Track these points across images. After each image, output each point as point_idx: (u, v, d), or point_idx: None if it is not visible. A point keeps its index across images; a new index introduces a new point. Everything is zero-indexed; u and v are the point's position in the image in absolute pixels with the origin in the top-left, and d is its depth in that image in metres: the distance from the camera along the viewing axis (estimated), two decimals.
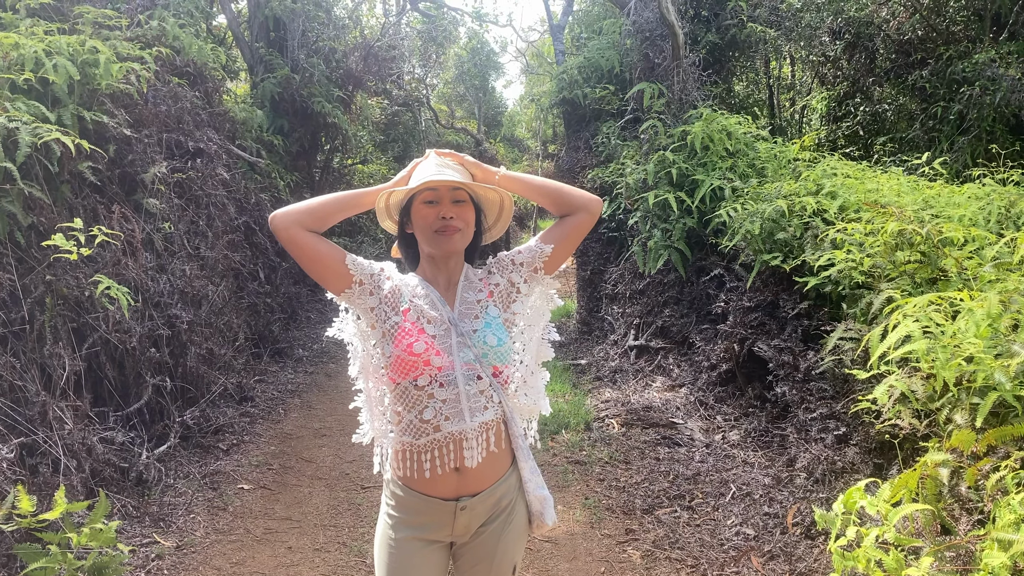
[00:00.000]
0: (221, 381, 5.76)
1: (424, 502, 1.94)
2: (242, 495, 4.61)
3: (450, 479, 1.91)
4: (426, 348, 1.85)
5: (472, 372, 1.88)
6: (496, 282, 2.02)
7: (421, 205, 1.91)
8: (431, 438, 1.88)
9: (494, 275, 2.03)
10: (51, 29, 4.94)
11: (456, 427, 1.87)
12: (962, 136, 8.38)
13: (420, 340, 1.86)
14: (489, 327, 1.93)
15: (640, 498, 4.49)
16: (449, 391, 1.86)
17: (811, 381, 4.58)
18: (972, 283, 3.54)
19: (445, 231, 1.89)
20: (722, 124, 6.65)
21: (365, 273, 1.93)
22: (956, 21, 9.54)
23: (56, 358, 4.10)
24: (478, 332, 1.91)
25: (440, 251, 1.93)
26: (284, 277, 8.97)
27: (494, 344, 1.91)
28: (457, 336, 1.90)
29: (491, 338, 1.91)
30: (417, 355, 1.84)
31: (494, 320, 1.95)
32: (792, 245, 5.04)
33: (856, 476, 3.79)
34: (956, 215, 4.70)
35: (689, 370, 6.30)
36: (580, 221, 2.04)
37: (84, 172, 4.57)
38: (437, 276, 1.99)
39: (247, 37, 10.61)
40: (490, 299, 1.99)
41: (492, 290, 2.00)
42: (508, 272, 2.02)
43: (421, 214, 1.91)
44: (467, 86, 22.97)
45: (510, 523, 2.02)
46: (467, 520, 1.95)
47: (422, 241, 1.95)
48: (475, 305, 1.97)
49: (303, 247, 1.87)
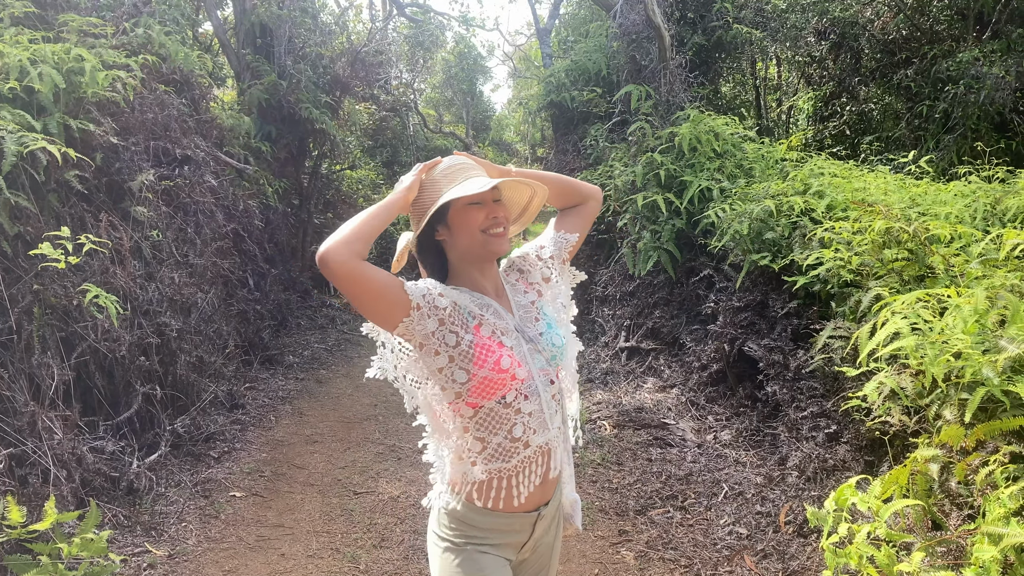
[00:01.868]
0: (211, 389, 5.74)
1: (507, 521, 1.84)
2: (234, 502, 4.59)
3: (535, 492, 1.85)
4: (511, 362, 1.75)
5: (547, 377, 1.82)
6: (535, 281, 1.95)
7: (465, 208, 1.77)
8: (522, 456, 1.79)
9: (529, 273, 1.96)
10: (36, 37, 4.92)
11: (543, 438, 1.80)
12: (948, 134, 8.44)
13: (504, 354, 1.74)
14: (551, 328, 1.87)
15: (633, 499, 4.50)
16: (533, 402, 1.78)
17: (801, 380, 4.60)
18: (959, 280, 3.57)
19: (496, 232, 1.79)
20: (710, 125, 6.68)
21: (420, 295, 1.70)
22: (940, 20, 9.62)
23: (45, 368, 4.07)
24: (544, 335, 1.84)
25: (492, 251, 1.80)
26: (274, 283, 8.95)
27: (560, 344, 1.86)
28: (527, 343, 1.82)
29: (556, 339, 1.86)
30: (505, 371, 1.73)
31: (552, 320, 1.89)
32: (781, 245, 5.06)
33: (847, 473, 3.81)
34: (943, 213, 4.74)
35: (680, 371, 6.32)
36: (592, 209, 2.05)
37: (71, 181, 4.55)
38: (485, 284, 1.86)
39: (233, 44, 10.58)
40: (540, 298, 1.92)
41: (540, 290, 1.94)
42: (540, 268, 1.97)
43: (468, 216, 1.77)
44: (454, 90, 22.95)
45: (559, 528, 2.02)
46: (542, 529, 1.91)
47: (470, 244, 1.80)
48: (531, 308, 1.89)
49: (367, 282, 1.63)
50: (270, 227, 9.55)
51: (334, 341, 9.30)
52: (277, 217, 9.80)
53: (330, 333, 9.74)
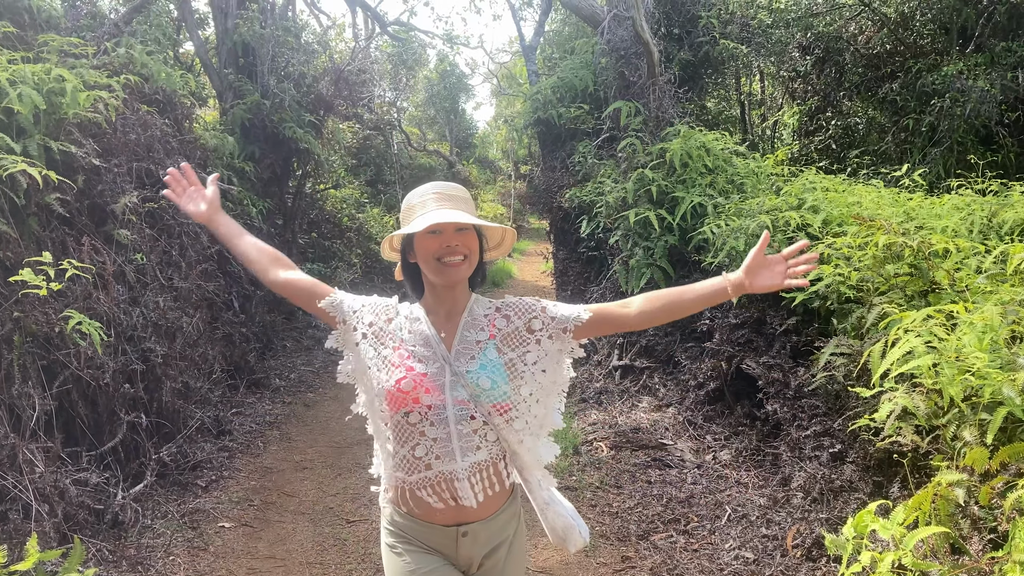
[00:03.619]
0: (198, 415, 5.59)
1: (424, 530, 1.93)
2: (223, 534, 4.44)
3: (448, 510, 1.89)
4: (415, 386, 1.83)
5: (465, 411, 1.83)
6: (503, 325, 1.93)
7: (423, 235, 1.84)
8: (423, 475, 1.86)
9: (506, 316, 1.94)
10: (15, 58, 4.79)
11: (447, 467, 1.84)
12: (934, 148, 8.47)
13: (408, 377, 1.84)
14: (484, 369, 1.85)
15: (634, 523, 4.39)
16: (440, 430, 1.83)
17: (803, 398, 4.52)
18: (966, 295, 3.51)
19: (449, 261, 1.84)
20: (700, 141, 6.64)
21: (345, 312, 1.97)
22: (923, 35, 9.68)
23: (25, 398, 3.92)
24: (471, 373, 1.84)
25: (444, 280, 1.87)
26: (259, 305, 8.79)
27: (487, 387, 1.83)
28: (451, 375, 1.85)
29: (484, 381, 1.83)
30: (406, 392, 1.82)
31: (491, 363, 1.86)
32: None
33: (855, 494, 3.72)
34: (939, 226, 4.70)
35: (676, 389, 6.23)
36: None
37: (52, 204, 4.41)
38: (438, 307, 1.94)
39: (215, 63, 10.47)
40: (491, 340, 1.90)
41: (495, 332, 1.92)
42: (529, 318, 1.93)
43: (424, 244, 1.85)
44: (437, 109, 22.94)
45: (512, 552, 2.00)
46: (470, 547, 1.93)
47: (426, 270, 1.90)
48: (473, 345, 1.89)
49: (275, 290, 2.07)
50: None
51: (320, 363, 9.15)
52: (262, 237, 9.57)
53: (316, 354, 9.58)
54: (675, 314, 1.95)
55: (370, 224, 15.45)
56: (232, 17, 10.20)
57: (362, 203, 16.25)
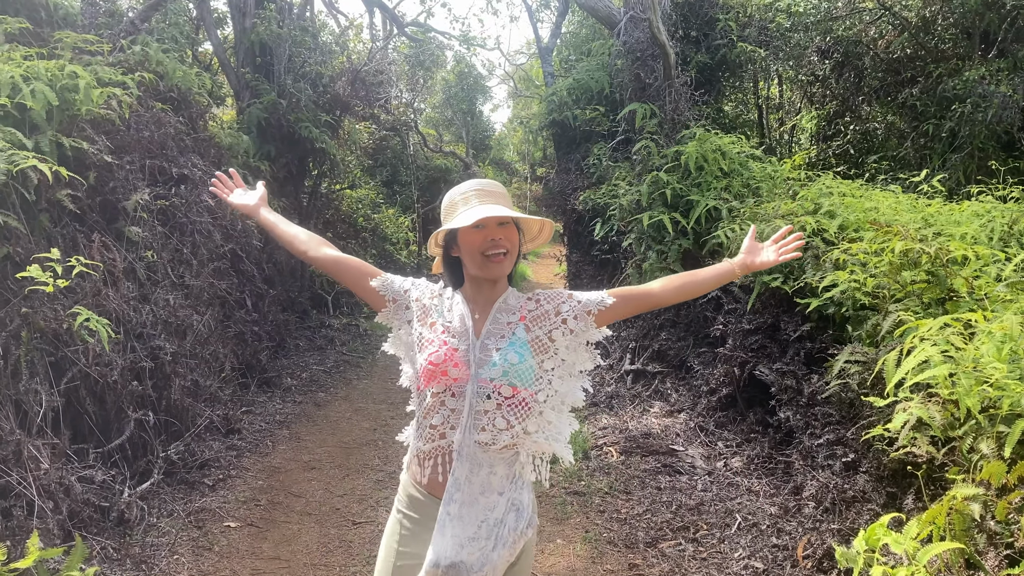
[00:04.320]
0: (207, 413, 5.58)
1: (422, 501, 2.01)
2: (228, 533, 4.42)
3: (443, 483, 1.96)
4: (445, 359, 1.94)
5: (484, 390, 1.92)
6: (533, 308, 2.03)
7: (468, 230, 1.94)
8: (435, 444, 1.96)
9: (537, 302, 2.05)
10: (29, 54, 4.80)
11: (454, 439, 1.93)
12: (954, 154, 8.35)
13: (440, 350, 1.95)
14: (512, 346, 1.95)
15: (642, 530, 4.33)
16: (458, 401, 1.93)
17: (816, 406, 4.44)
18: (985, 303, 3.43)
19: (494, 255, 1.95)
20: (716, 144, 6.56)
21: (396, 291, 2.11)
22: (945, 39, 9.55)
23: (32, 394, 3.92)
24: (501, 350, 1.94)
25: (489, 274, 1.98)
26: (272, 304, 8.79)
27: (515, 362, 1.92)
28: (481, 352, 1.95)
29: (512, 355, 1.92)
30: (436, 364, 1.93)
31: (519, 340, 1.96)
32: (792, 266, 4.93)
33: (868, 505, 3.65)
34: (958, 233, 4.61)
35: (688, 395, 6.16)
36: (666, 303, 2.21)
37: (63, 200, 4.42)
38: (477, 296, 2.05)
39: (233, 63, 10.50)
40: (521, 321, 2.01)
41: (526, 313, 2.02)
42: (558, 302, 2.04)
43: (468, 238, 1.95)
44: (454, 110, 22.93)
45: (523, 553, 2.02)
46: None
47: (470, 264, 2.00)
48: (504, 326, 2.00)
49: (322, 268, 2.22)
50: (269, 247, 9.42)
51: (333, 363, 9.15)
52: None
53: (329, 354, 9.58)
54: (691, 293, 2.18)
55: (385, 225, 15.46)
56: (250, 16, 10.23)
57: (377, 204, 16.25)
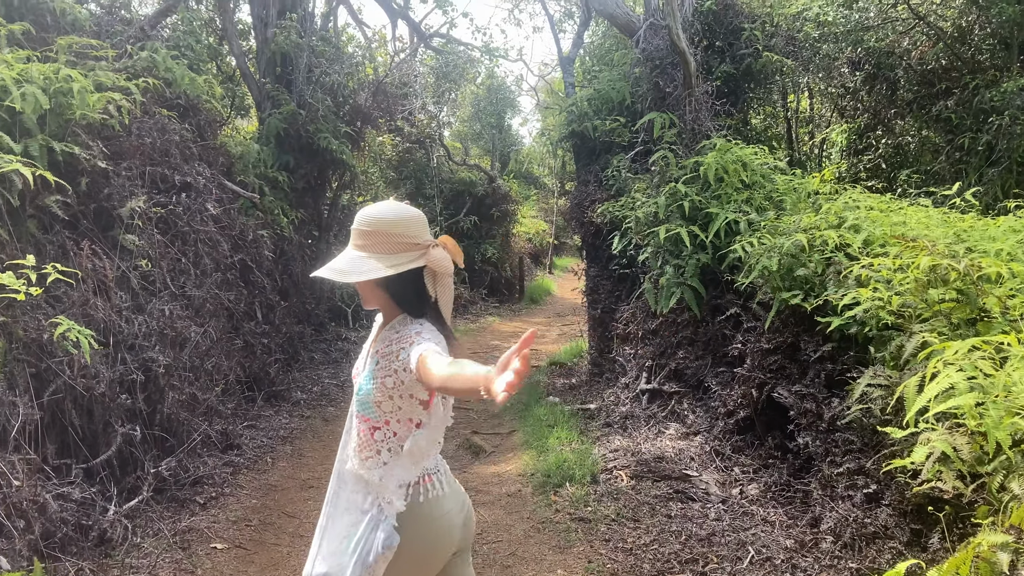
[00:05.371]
0: (203, 428, 5.41)
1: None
2: (214, 556, 4.22)
3: None
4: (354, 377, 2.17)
5: (352, 411, 2.12)
6: (386, 344, 2.02)
7: None
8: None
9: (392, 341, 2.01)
10: (24, 57, 4.70)
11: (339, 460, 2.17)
12: (991, 168, 7.99)
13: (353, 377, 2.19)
14: (367, 377, 2.03)
15: (649, 562, 4.06)
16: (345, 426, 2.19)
17: (836, 432, 4.15)
18: (1019, 324, 3.14)
19: None
20: (737, 155, 6.29)
21: None
22: (982, 50, 9.19)
23: (8, 406, 3.77)
24: (361, 378, 2.08)
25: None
26: (285, 316, 8.65)
27: (364, 392, 2.02)
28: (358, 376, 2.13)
29: (366, 385, 2.02)
30: None
31: (369, 372, 2.04)
32: (813, 282, 4.65)
33: (890, 543, 3.36)
34: (992, 249, 4.30)
35: (705, 416, 5.88)
36: None
37: (51, 206, 4.29)
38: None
39: (255, 74, 10.45)
40: (378, 355, 2.04)
41: (382, 347, 2.03)
42: (401, 346, 1.96)
43: None
44: (483, 124, 22.79)
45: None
46: None
47: None
48: (370, 356, 2.10)
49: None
50: (284, 258, 9.30)
51: (346, 376, 8.96)
52: (292, 248, 9.55)
53: (343, 367, 9.41)
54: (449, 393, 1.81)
55: None
56: (272, 27, 10.18)
57: None
